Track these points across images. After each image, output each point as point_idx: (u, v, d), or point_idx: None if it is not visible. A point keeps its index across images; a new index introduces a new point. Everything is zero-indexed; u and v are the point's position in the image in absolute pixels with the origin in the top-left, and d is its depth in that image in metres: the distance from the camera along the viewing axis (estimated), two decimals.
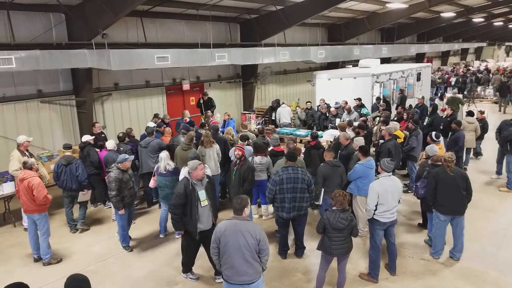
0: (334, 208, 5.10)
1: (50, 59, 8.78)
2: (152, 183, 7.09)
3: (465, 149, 10.05)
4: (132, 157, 7.12)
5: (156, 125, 9.87)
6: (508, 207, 8.24)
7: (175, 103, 13.56)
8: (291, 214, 6.05)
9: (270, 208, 7.56)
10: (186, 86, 13.47)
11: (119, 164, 6.50)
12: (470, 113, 10.85)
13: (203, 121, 11.86)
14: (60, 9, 9.57)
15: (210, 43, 12.23)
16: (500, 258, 6.26)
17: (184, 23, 12.95)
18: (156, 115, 10.99)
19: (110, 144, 8.02)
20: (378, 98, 13.36)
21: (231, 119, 11.76)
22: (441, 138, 8.45)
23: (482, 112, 11.06)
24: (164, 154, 6.94)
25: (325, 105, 12.41)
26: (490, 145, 11.98)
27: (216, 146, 8.02)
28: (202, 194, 5.41)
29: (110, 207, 8.32)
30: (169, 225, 7.33)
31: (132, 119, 12.09)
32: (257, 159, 7.36)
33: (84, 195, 7.62)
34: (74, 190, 7.43)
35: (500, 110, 18.97)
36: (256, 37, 14.20)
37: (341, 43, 19.00)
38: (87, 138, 8.47)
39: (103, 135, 9.57)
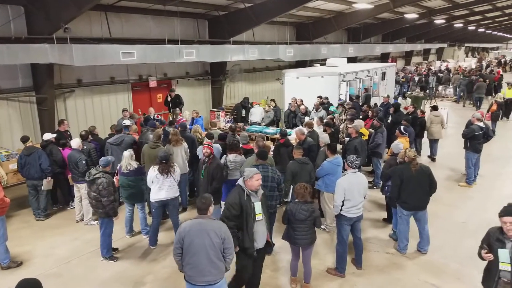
0: (296, 200, 5.30)
1: (8, 54, 8.36)
2: (115, 183, 6.90)
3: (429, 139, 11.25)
4: (113, 158, 6.92)
5: (132, 122, 9.66)
6: (467, 201, 8.61)
7: (142, 100, 13.27)
8: None
9: None
10: (153, 83, 13.20)
11: (103, 168, 6.18)
12: (434, 108, 11.69)
13: (171, 119, 11.65)
14: (19, 1, 9.12)
15: (177, 39, 12.04)
16: (459, 250, 6.54)
17: (150, 18, 12.68)
18: (125, 110, 10.65)
19: (75, 142, 7.72)
20: (357, 97, 13.72)
21: (200, 117, 11.65)
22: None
23: (423, 112, 11.56)
24: (127, 153, 6.79)
25: (296, 103, 12.48)
26: (452, 142, 12.51)
27: (185, 144, 7.93)
28: (258, 206, 4.80)
29: (74, 207, 8.06)
30: (135, 225, 7.23)
31: (96, 116, 11.72)
32: (231, 157, 7.27)
33: (48, 183, 7.70)
34: (37, 178, 7.58)
35: (464, 106, 20.24)
36: (225, 34, 14.11)
37: (309, 42, 19.24)
38: (48, 136, 8.16)
39: (68, 133, 9.24)
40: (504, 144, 13.01)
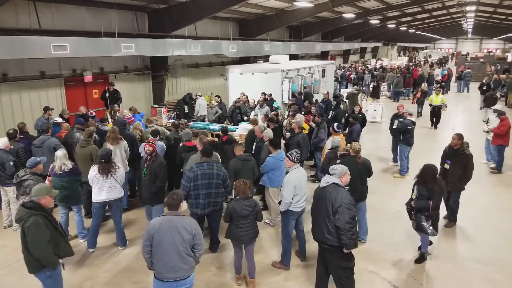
0: (238, 197, 5.27)
1: None
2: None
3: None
4: (45, 158, 6.39)
5: (63, 120, 9.05)
6: (401, 191, 9.10)
7: (76, 96, 12.50)
8: (206, 210, 5.99)
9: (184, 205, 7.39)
10: (88, 78, 12.43)
11: (31, 169, 5.71)
12: None
13: (107, 115, 11.10)
14: None
15: (115, 32, 11.49)
16: (395, 238, 6.93)
17: (85, 9, 11.96)
18: (48, 108, 9.96)
19: (2, 142, 7.05)
20: (300, 93, 14.09)
21: (139, 113, 11.23)
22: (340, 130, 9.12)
23: (361, 108, 12.20)
24: (60, 153, 6.34)
25: (245, 99, 12.49)
26: (386, 136, 13.20)
27: (124, 143, 7.61)
28: None
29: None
30: (71, 229, 6.81)
31: (25, 114, 10.83)
32: None
33: None
34: None
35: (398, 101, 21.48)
36: (166, 28, 13.71)
37: (252, 38, 19.32)
38: None
39: None
40: (433, 138, 14.00)
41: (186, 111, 13.11)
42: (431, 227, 5.84)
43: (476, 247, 6.62)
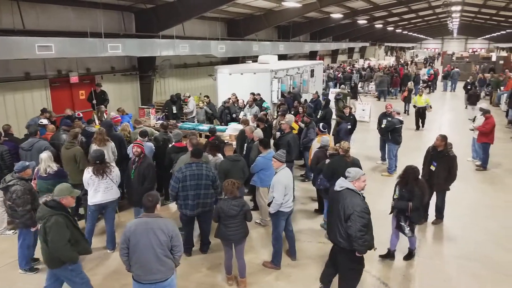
0: (226, 197, 5.28)
1: None
2: (33, 190, 6.31)
3: None
4: (34, 163, 6.27)
5: (48, 122, 8.94)
6: (389, 190, 9.07)
7: (62, 97, 12.32)
8: (195, 211, 5.96)
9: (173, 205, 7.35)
10: (74, 79, 12.26)
11: (18, 174, 5.58)
12: None
13: (94, 116, 10.97)
14: None
15: (101, 32, 11.36)
16: (384, 236, 6.93)
17: (70, 9, 11.81)
18: (45, 110, 9.85)
19: None
20: (289, 93, 14.18)
21: (127, 114, 11.12)
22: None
23: (350, 109, 12.28)
24: (45, 155, 6.23)
25: (235, 99, 12.47)
26: (373, 135, 13.33)
27: (111, 144, 7.52)
28: None
29: None
30: None
31: (9, 116, 10.64)
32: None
33: None
34: None
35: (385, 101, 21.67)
36: (153, 28, 13.61)
37: (241, 38, 19.30)
38: None
39: None
40: (421, 137, 14.18)
41: (174, 111, 13.02)
42: (408, 228, 5.93)
43: (463, 244, 6.73)
